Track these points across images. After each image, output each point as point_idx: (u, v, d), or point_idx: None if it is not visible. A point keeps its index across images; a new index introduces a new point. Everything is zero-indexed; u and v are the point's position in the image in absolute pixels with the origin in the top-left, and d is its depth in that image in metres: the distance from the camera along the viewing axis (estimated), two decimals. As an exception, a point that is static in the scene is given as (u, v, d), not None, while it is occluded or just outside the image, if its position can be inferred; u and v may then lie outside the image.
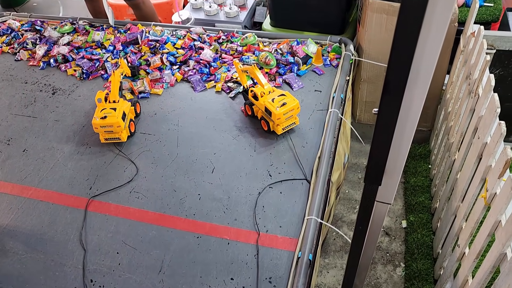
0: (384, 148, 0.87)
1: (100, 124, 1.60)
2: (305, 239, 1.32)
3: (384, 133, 0.84)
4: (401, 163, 0.94)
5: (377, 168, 0.91)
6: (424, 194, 2.01)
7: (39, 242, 1.41)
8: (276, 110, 1.54)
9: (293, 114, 1.60)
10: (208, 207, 1.47)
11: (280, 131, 1.61)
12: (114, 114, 1.61)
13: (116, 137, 1.65)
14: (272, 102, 1.57)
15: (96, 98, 1.68)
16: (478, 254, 1.24)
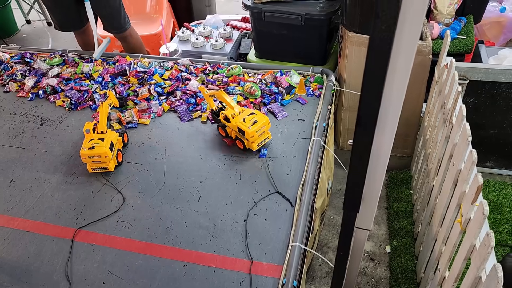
0: (360, 176, 0.92)
1: (88, 154, 1.63)
2: (289, 266, 1.35)
3: (360, 162, 0.89)
4: (377, 190, 0.99)
5: (354, 196, 0.96)
6: (406, 219, 2.06)
7: (24, 273, 1.41)
8: (249, 129, 1.64)
9: (265, 130, 1.70)
10: (195, 235, 1.49)
11: (255, 148, 1.71)
12: (102, 144, 1.65)
13: (104, 167, 1.68)
14: (244, 122, 1.67)
15: (84, 129, 1.72)
16: (456, 278, 1.28)
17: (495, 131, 2.09)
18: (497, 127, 2.07)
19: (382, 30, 0.67)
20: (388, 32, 0.66)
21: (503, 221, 2.03)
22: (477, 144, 2.16)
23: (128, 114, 1.97)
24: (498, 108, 2.00)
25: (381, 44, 0.68)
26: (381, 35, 0.67)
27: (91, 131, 1.71)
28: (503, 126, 2.06)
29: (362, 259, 2.01)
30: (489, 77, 1.89)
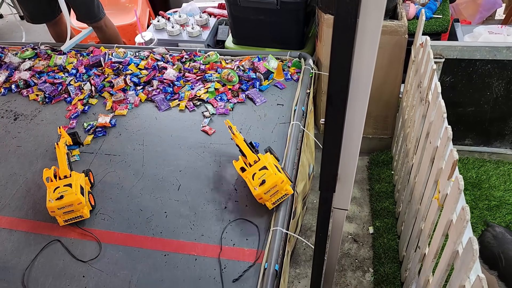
0: (334, 156, 0.91)
1: (57, 206, 1.39)
2: (271, 250, 1.35)
3: (333, 142, 0.89)
4: (352, 169, 0.98)
5: (329, 176, 0.96)
6: (388, 200, 2.08)
7: (1, 270, 1.38)
8: (255, 191, 1.39)
9: (278, 189, 1.39)
10: (175, 224, 1.48)
11: (270, 206, 1.43)
12: (71, 190, 1.42)
13: (78, 215, 1.45)
14: (252, 180, 1.41)
15: (44, 178, 1.47)
16: (435, 254, 1.29)
17: (472, 109, 2.11)
18: (474, 104, 2.09)
19: (347, 3, 0.66)
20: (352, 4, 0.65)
21: (482, 197, 2.06)
22: (455, 123, 2.18)
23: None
24: (474, 85, 2.02)
25: (347, 17, 0.67)
26: (346, 8, 0.66)
27: (52, 178, 1.46)
28: (479, 103, 2.08)
29: (345, 241, 2.03)
30: (464, 55, 1.90)
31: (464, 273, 0.99)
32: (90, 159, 1.72)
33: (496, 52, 1.88)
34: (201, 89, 2.00)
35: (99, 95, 2.04)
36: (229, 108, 1.91)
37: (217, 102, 1.94)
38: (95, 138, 1.82)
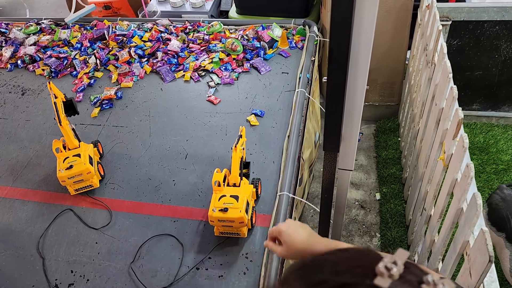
0: (338, 115, 0.92)
1: (67, 175, 1.40)
2: (278, 214, 1.37)
3: (335, 100, 0.89)
4: (356, 129, 0.99)
5: (333, 135, 0.96)
6: (395, 166, 2.08)
7: (17, 239, 1.43)
8: (212, 212, 1.24)
9: (234, 226, 1.27)
10: (183, 192, 1.50)
11: (216, 233, 1.33)
12: (80, 160, 1.43)
13: (88, 184, 1.49)
14: (217, 201, 1.26)
15: (53, 149, 1.48)
16: (441, 214, 1.31)
17: (480, 73, 2.08)
18: (482, 68, 2.06)
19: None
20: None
21: (489, 161, 2.05)
22: (462, 87, 2.16)
23: (110, 78, 1.94)
24: (482, 48, 1.98)
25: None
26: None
27: (61, 149, 1.48)
28: (488, 66, 2.05)
29: (352, 207, 2.05)
30: (472, 17, 1.86)
31: (468, 228, 1.00)
32: (98, 131, 1.74)
33: (505, 13, 1.83)
34: (206, 60, 1.99)
35: (104, 68, 2.05)
36: (234, 77, 1.91)
37: (221, 72, 1.94)
38: (102, 110, 1.84)
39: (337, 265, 0.44)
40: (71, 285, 1.30)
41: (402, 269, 0.40)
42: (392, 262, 0.40)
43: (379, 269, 0.40)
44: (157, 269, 1.30)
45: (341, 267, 0.43)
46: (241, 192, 1.27)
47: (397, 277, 0.40)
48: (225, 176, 1.32)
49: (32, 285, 1.31)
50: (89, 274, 1.32)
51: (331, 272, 0.43)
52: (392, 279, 0.39)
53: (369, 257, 0.44)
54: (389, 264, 0.40)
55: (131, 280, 1.28)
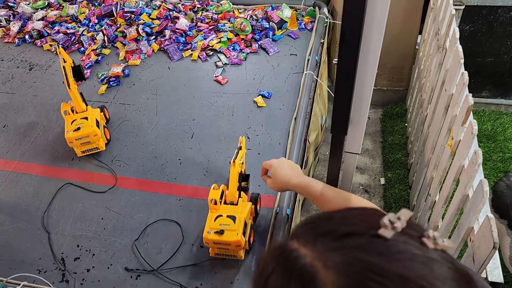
0: (347, 96, 0.91)
1: (75, 137, 1.46)
2: (282, 196, 1.38)
3: (345, 82, 0.88)
4: (365, 112, 0.98)
5: (342, 117, 0.96)
6: (401, 151, 2.08)
7: (24, 213, 1.45)
8: (207, 234, 1.15)
9: (229, 249, 1.18)
10: (189, 171, 1.51)
11: (212, 254, 1.24)
12: (88, 123, 1.48)
13: (94, 147, 1.54)
14: (213, 221, 1.17)
15: (61, 111, 1.54)
16: (446, 200, 1.31)
17: (491, 59, 2.06)
18: (493, 54, 2.03)
19: None
20: None
21: (496, 149, 2.04)
22: (473, 74, 2.13)
23: (117, 55, 1.93)
24: (495, 34, 1.95)
25: None
26: None
27: (69, 111, 1.54)
28: (499, 53, 2.02)
29: (357, 192, 2.05)
30: (485, 1, 1.83)
31: (473, 215, 1.00)
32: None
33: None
34: (214, 39, 1.98)
35: (112, 45, 2.04)
36: (242, 58, 1.89)
37: (230, 52, 1.92)
38: (109, 88, 1.84)
39: (345, 219, 0.47)
40: (77, 259, 1.32)
41: (405, 225, 0.42)
42: (396, 218, 0.43)
43: (383, 221, 0.42)
44: (161, 246, 1.32)
45: (348, 220, 0.46)
46: (238, 212, 1.18)
47: (400, 230, 0.42)
48: (223, 192, 1.23)
49: (39, 258, 1.33)
50: (95, 248, 1.34)
51: (338, 224, 0.46)
52: (395, 231, 0.42)
53: (376, 214, 0.46)
54: (393, 218, 0.42)
55: (136, 256, 1.30)
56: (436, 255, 0.42)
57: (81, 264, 1.31)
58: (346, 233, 0.43)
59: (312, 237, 0.45)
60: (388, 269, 0.39)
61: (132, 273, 1.27)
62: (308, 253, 0.44)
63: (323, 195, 1.00)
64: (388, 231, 0.42)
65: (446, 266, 0.41)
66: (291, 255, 0.45)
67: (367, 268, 0.40)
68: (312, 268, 0.42)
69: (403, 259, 0.40)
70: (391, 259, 0.40)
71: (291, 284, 0.43)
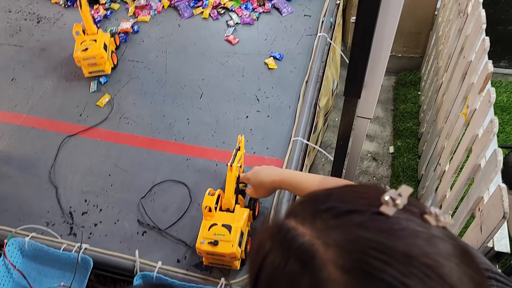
0: (363, 58, 0.88)
1: (83, 57, 1.54)
2: (290, 159, 1.37)
3: (363, 42, 0.85)
4: (380, 75, 0.95)
5: (356, 80, 0.93)
6: (412, 120, 2.04)
7: (33, 167, 1.45)
8: (201, 245, 1.07)
9: (224, 260, 1.10)
10: (197, 131, 1.50)
11: (205, 262, 1.15)
12: (96, 45, 1.56)
13: (100, 69, 1.61)
14: (207, 230, 1.09)
15: (73, 31, 1.59)
16: (456, 170, 1.29)
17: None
18: (516, 23, 1.95)
19: None
20: None
21: (510, 121, 2.00)
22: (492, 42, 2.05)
23: (126, 11, 1.88)
24: (519, 1, 1.87)
25: None
26: None
27: (81, 32, 1.60)
28: (522, 22, 1.95)
29: (365, 159, 2.04)
30: (512, -35, 1.74)
31: (484, 184, 0.99)
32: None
33: (549, -37, 1.71)
34: (226, -3, 1.91)
35: (121, 0, 1.98)
36: (254, 17, 1.84)
37: (242, 11, 1.86)
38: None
39: (344, 195, 0.45)
40: (85, 213, 1.33)
41: (406, 201, 0.41)
42: (397, 194, 0.41)
43: (384, 198, 0.41)
44: (168, 205, 1.33)
45: (348, 197, 0.45)
46: (234, 220, 1.10)
47: (401, 207, 0.41)
48: (219, 197, 1.14)
49: (47, 211, 1.35)
50: (102, 204, 1.35)
51: (337, 201, 0.44)
52: (396, 208, 0.41)
53: (376, 191, 0.45)
54: (394, 195, 0.41)
55: (143, 213, 1.31)
56: (438, 232, 0.40)
57: (89, 219, 1.32)
58: (347, 211, 0.42)
59: (311, 214, 0.44)
60: (391, 247, 0.38)
61: (140, 228, 1.28)
62: (306, 231, 0.42)
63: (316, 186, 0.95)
64: (389, 208, 0.40)
65: (449, 243, 0.40)
66: (289, 233, 0.43)
67: (369, 245, 0.38)
68: (311, 246, 0.41)
69: (406, 236, 0.39)
70: (394, 237, 0.39)
71: (289, 263, 0.41)
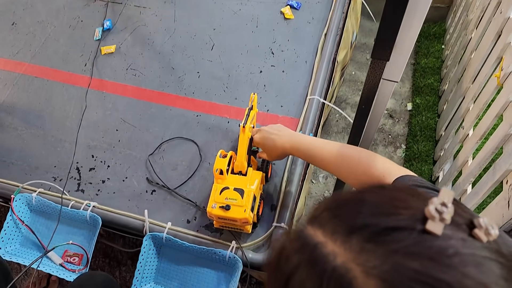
0: (397, 15, 0.78)
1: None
2: (306, 119, 1.30)
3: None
4: (414, 35, 0.85)
5: (387, 41, 0.84)
6: (433, 76, 1.94)
7: (37, 119, 1.40)
8: (212, 209, 1.02)
9: (236, 225, 1.06)
10: (208, 86, 1.42)
11: (216, 225, 1.10)
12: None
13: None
14: (219, 194, 1.03)
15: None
16: (482, 136, 1.22)
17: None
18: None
19: None
20: None
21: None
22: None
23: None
24: None
25: None
26: None
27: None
28: None
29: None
30: None
31: (516, 157, 0.92)
32: (119, 10, 1.61)
33: None
34: None
35: None
36: (270, -40, 1.68)
37: (257, -48, 1.71)
38: (124, -13, 1.68)
39: (381, 205, 0.39)
40: (92, 169, 1.30)
41: (453, 212, 0.36)
42: (441, 204, 0.36)
43: (430, 212, 0.35)
44: (177, 163, 1.28)
45: (386, 208, 0.38)
46: (247, 184, 1.04)
47: (450, 221, 0.35)
48: (231, 158, 1.08)
49: (54, 166, 1.31)
50: (110, 160, 1.31)
51: (374, 214, 0.38)
52: (444, 223, 0.35)
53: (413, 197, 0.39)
54: (439, 206, 0.36)
55: (152, 170, 1.27)
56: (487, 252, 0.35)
57: (96, 175, 1.29)
58: (387, 228, 0.36)
59: (344, 230, 0.37)
60: (443, 280, 0.33)
61: (149, 186, 1.25)
62: (340, 251, 0.36)
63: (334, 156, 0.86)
64: (437, 225, 0.35)
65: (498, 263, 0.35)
66: (317, 249, 0.37)
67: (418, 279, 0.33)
68: (348, 272, 0.35)
69: (458, 264, 0.34)
70: (446, 266, 0.33)
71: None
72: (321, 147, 0.90)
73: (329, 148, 0.88)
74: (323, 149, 0.89)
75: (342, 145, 0.87)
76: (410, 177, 0.68)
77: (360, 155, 0.82)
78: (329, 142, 0.89)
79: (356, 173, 0.81)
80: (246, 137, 1.08)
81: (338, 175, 0.89)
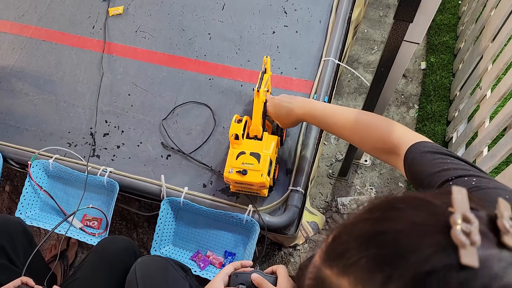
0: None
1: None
2: (321, 82, 1.28)
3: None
4: (439, -4, 0.82)
5: (412, 1, 0.80)
6: (449, 34, 1.88)
7: (48, 84, 1.39)
8: (229, 174, 1.02)
9: (253, 189, 1.07)
10: (220, 48, 1.39)
11: (233, 189, 1.12)
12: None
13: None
14: (235, 159, 1.03)
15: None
16: (501, 97, 1.19)
17: None
18: None
19: None
20: None
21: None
22: None
23: None
24: None
25: None
26: None
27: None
28: None
29: (393, 76, 1.92)
30: None
31: (539, 121, 0.91)
32: (125, -32, 1.55)
33: None
34: None
35: None
36: None
37: None
38: None
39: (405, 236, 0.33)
40: (106, 135, 1.30)
41: (479, 226, 0.31)
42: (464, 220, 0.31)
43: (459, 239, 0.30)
44: (192, 127, 1.28)
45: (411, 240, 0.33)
46: (263, 148, 1.04)
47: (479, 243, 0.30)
48: (246, 123, 1.08)
49: (68, 131, 1.31)
50: (123, 125, 1.31)
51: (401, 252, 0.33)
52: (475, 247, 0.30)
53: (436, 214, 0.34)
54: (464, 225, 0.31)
55: (166, 135, 1.27)
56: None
57: (111, 140, 1.29)
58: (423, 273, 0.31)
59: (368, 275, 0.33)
60: None
61: (164, 151, 1.25)
62: None
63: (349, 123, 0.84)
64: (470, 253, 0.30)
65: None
66: None
67: None
68: None
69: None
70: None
71: None
72: (335, 113, 0.88)
73: (345, 114, 0.86)
74: (338, 115, 0.87)
75: (357, 111, 0.85)
76: (425, 143, 0.67)
77: (376, 122, 0.81)
78: (344, 108, 0.88)
79: (371, 140, 0.80)
80: (260, 101, 1.06)
81: (352, 142, 0.88)
